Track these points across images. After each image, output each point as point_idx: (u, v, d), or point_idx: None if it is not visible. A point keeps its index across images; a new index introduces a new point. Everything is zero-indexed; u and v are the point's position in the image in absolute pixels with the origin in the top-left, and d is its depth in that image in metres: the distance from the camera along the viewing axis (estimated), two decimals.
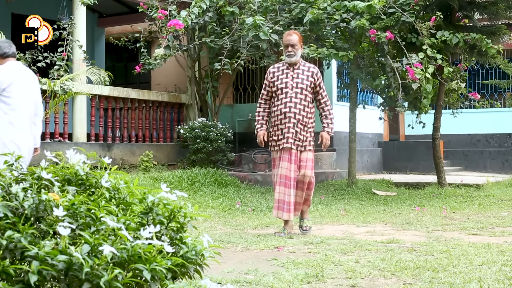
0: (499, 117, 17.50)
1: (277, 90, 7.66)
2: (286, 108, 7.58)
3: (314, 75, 7.69)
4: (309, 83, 7.64)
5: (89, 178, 2.92)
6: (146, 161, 12.87)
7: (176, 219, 2.84)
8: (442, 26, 11.23)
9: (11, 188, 2.54)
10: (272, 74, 7.78)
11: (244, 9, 12.62)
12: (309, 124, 7.70)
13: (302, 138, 7.62)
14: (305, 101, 7.62)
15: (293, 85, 7.60)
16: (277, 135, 7.69)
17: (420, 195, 11.81)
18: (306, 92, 7.62)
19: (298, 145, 7.60)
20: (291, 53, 7.62)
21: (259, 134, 7.87)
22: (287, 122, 7.57)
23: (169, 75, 17.51)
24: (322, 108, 7.83)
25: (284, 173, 7.52)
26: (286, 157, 7.55)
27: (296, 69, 7.68)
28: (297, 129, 7.57)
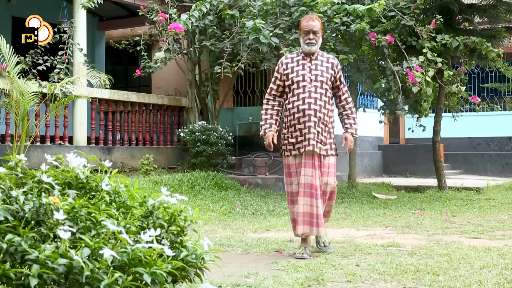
0: (499, 120, 17.50)
1: (292, 83, 6.56)
2: (305, 104, 6.45)
3: (334, 67, 6.65)
4: (329, 76, 6.59)
5: (89, 182, 2.92)
6: (146, 165, 12.87)
7: (176, 222, 2.85)
8: (442, 29, 11.25)
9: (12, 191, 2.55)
10: (285, 66, 6.67)
11: (244, 13, 12.63)
12: (329, 124, 6.63)
13: (324, 140, 6.51)
14: (325, 96, 6.54)
15: (312, 78, 6.51)
16: (294, 136, 6.54)
17: (421, 199, 11.81)
18: (326, 87, 6.55)
19: (321, 148, 6.48)
20: (312, 42, 6.54)
21: (267, 136, 6.67)
22: (307, 121, 6.43)
23: (169, 78, 17.51)
24: (343, 106, 6.79)
25: (309, 182, 6.35)
26: (310, 163, 6.41)
27: (314, 60, 6.62)
28: (318, 129, 6.45)
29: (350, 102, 6.81)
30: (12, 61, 10.24)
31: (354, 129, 6.75)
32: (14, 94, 10.09)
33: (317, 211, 6.34)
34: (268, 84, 17.28)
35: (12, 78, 10.11)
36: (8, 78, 10.25)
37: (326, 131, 6.57)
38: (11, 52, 10.31)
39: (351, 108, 6.79)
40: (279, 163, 13.65)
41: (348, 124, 6.75)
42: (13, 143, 10.40)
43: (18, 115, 10.18)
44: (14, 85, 10.12)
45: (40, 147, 11.77)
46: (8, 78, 10.24)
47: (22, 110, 10.17)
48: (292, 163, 6.58)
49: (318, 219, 6.34)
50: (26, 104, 10.15)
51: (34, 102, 10.37)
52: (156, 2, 13.23)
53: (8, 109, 10.82)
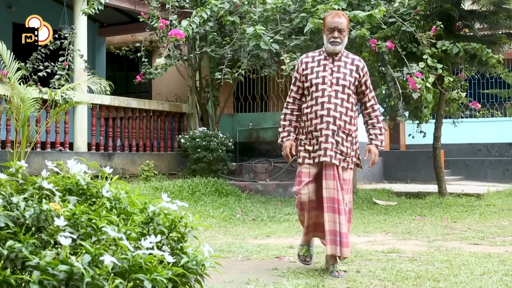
0: (499, 126, 17.50)
1: (311, 86, 5.88)
2: (323, 110, 5.76)
3: (360, 70, 5.92)
4: (353, 80, 5.86)
5: (90, 188, 2.92)
6: (147, 171, 12.87)
7: (177, 229, 2.85)
8: (442, 35, 11.26)
9: (12, 198, 2.55)
10: (305, 65, 5.99)
11: (244, 19, 12.66)
12: (352, 133, 5.88)
13: (345, 151, 5.79)
14: (347, 102, 5.82)
15: (333, 81, 5.81)
16: (312, 144, 5.86)
17: (421, 205, 11.80)
18: (349, 91, 5.83)
19: (340, 159, 5.76)
20: (337, 41, 5.83)
21: (285, 146, 6.06)
22: (324, 129, 5.74)
23: (170, 84, 17.52)
24: (368, 114, 6.04)
25: (332, 195, 5.62)
26: (331, 174, 5.69)
27: (337, 61, 5.91)
28: (337, 139, 5.75)
29: (377, 109, 6.07)
30: (12, 67, 10.24)
31: (380, 140, 6.02)
32: (15, 100, 10.09)
33: (340, 228, 5.60)
34: (268, 91, 17.37)
35: (12, 84, 10.12)
36: (8, 84, 10.25)
37: (348, 141, 5.82)
38: (12, 58, 10.32)
39: (378, 117, 6.06)
40: (279, 169, 13.65)
41: (373, 134, 6.02)
42: (13, 149, 10.41)
43: (19, 121, 10.18)
44: (15, 91, 10.13)
45: (41, 153, 11.77)
46: (8, 84, 10.25)
47: (23, 116, 10.17)
48: (305, 171, 5.87)
49: (342, 237, 5.59)
50: (27, 110, 10.15)
51: (34, 108, 10.37)
52: (156, 8, 13.25)
53: (8, 115, 10.83)
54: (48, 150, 12.04)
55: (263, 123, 15.78)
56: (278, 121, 16.60)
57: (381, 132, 6.04)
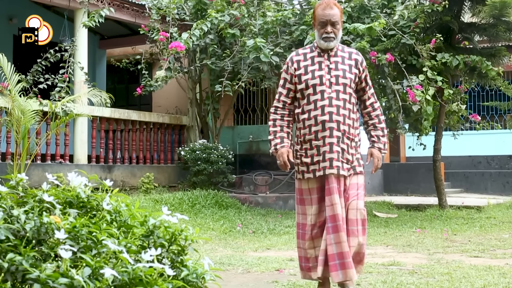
0: (499, 139, 17.51)
1: (307, 88, 5.05)
2: (325, 115, 4.95)
3: (359, 64, 5.16)
4: (353, 77, 5.10)
5: (90, 201, 2.92)
6: (147, 183, 12.87)
7: (177, 242, 2.85)
8: (442, 48, 11.28)
9: (13, 210, 2.55)
10: (297, 64, 5.16)
11: (245, 31, 12.69)
12: (356, 138, 5.13)
13: (350, 158, 5.03)
14: (349, 103, 5.05)
15: (332, 81, 5.01)
16: (310, 155, 5.03)
17: (421, 217, 11.79)
18: (350, 90, 5.07)
19: (347, 169, 4.99)
20: (330, 36, 5.04)
21: (280, 153, 5.13)
22: (328, 136, 4.94)
23: (170, 97, 17.55)
24: (368, 114, 5.30)
25: (337, 212, 4.81)
26: (334, 187, 4.88)
27: (333, 57, 5.11)
28: (343, 146, 4.97)
29: (378, 108, 5.33)
30: (13, 80, 10.26)
31: (383, 142, 5.29)
32: (15, 112, 10.11)
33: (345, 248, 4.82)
34: (268, 103, 17.37)
35: (13, 96, 10.13)
36: (9, 97, 10.27)
37: (353, 147, 5.08)
38: (13, 70, 10.34)
39: (379, 116, 5.32)
40: (280, 182, 13.64)
41: (374, 137, 5.29)
42: (14, 161, 10.41)
43: (19, 133, 10.19)
44: (15, 103, 10.14)
45: (41, 165, 11.78)
46: (9, 96, 10.27)
47: (23, 128, 10.18)
48: (305, 188, 5.08)
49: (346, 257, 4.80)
50: (27, 122, 10.16)
51: (35, 120, 10.39)
52: (157, 21, 13.28)
53: (9, 127, 10.84)
54: (48, 162, 12.05)
55: (263, 135, 15.78)
56: None
57: (384, 133, 5.30)
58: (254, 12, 13.05)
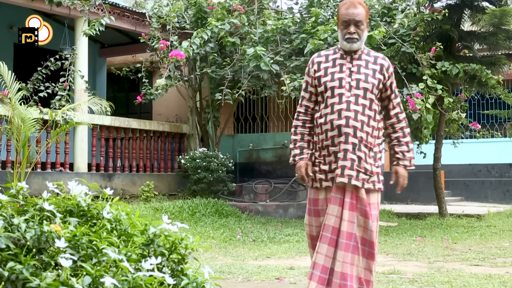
0: (499, 147, 17.51)
1: (325, 90, 4.73)
2: (341, 119, 4.61)
3: (385, 70, 4.79)
4: (376, 82, 4.73)
5: (90, 210, 2.92)
6: (147, 191, 12.86)
7: (177, 250, 2.85)
8: (442, 56, 11.30)
9: (13, 219, 2.55)
10: (317, 66, 4.84)
11: (245, 40, 12.73)
12: (375, 148, 4.72)
13: (369, 168, 4.62)
14: (370, 109, 4.67)
15: (352, 84, 4.68)
16: (328, 162, 4.68)
17: (421, 226, 11.78)
18: (371, 96, 4.70)
19: (364, 179, 4.59)
20: (354, 37, 4.71)
21: (299, 166, 4.80)
22: (343, 142, 4.58)
23: (170, 105, 17.56)
24: (392, 125, 4.88)
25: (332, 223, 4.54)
26: (337, 198, 4.58)
27: (357, 60, 4.78)
28: (359, 154, 4.58)
29: (403, 120, 4.90)
30: (13, 88, 10.26)
31: (408, 159, 4.84)
32: (16, 120, 10.10)
33: (335, 266, 4.45)
34: (269, 112, 17.40)
35: (13, 104, 10.13)
36: (9, 105, 10.27)
37: (371, 157, 4.68)
38: (13, 78, 10.34)
39: (403, 129, 4.88)
40: (280, 190, 13.63)
41: (399, 153, 4.84)
42: (14, 169, 10.40)
43: (19, 142, 10.18)
44: (16, 111, 10.14)
45: (41, 173, 11.78)
46: (9, 104, 10.26)
47: (23, 136, 10.18)
48: (322, 198, 4.71)
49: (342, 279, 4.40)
50: (27, 130, 10.16)
51: (35, 128, 10.38)
52: (157, 29, 13.31)
53: (9, 135, 10.84)
54: (49, 171, 12.05)
55: (263, 143, 15.79)
56: (279, 142, 16.65)
57: (409, 148, 4.85)
58: (254, 21, 13.08)
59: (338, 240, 4.47)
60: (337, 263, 4.43)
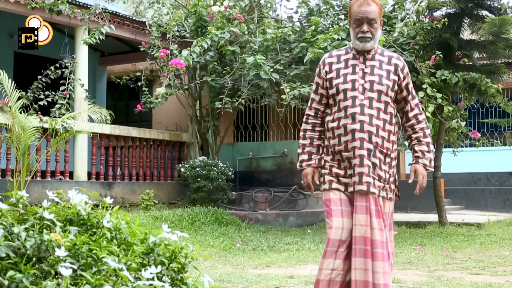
0: (499, 155, 17.52)
1: (337, 93, 4.50)
2: (355, 123, 4.38)
3: (399, 70, 4.54)
4: (391, 84, 4.49)
5: (90, 218, 2.92)
6: (147, 200, 12.86)
7: (177, 259, 2.84)
8: (441, 65, 11.31)
9: (13, 228, 2.55)
10: (329, 67, 4.60)
11: (245, 49, 12.75)
12: (391, 154, 4.56)
13: (384, 176, 4.45)
14: (385, 113, 4.46)
15: (366, 86, 4.45)
16: (343, 167, 4.45)
17: (421, 234, 11.78)
18: (386, 98, 4.47)
19: (380, 187, 4.41)
20: (367, 36, 4.47)
21: (305, 173, 4.64)
22: (358, 148, 4.36)
23: (170, 113, 17.57)
24: (411, 127, 4.69)
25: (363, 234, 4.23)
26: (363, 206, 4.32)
27: (370, 60, 4.53)
28: (374, 161, 4.38)
29: (423, 120, 4.70)
30: (13, 96, 10.28)
31: (428, 159, 4.68)
32: (16, 129, 10.11)
33: (375, 278, 4.18)
34: (268, 120, 17.41)
35: (13, 113, 10.15)
36: (9, 113, 10.28)
37: (387, 164, 4.51)
38: (13, 87, 10.36)
39: (424, 130, 4.69)
40: (280, 199, 13.62)
41: (419, 152, 4.68)
42: (13, 178, 10.41)
43: (19, 150, 10.19)
44: (16, 120, 10.15)
45: (41, 182, 11.78)
46: (9, 113, 10.28)
47: (23, 145, 10.18)
48: (335, 198, 4.44)
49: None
50: (27, 139, 10.16)
51: (35, 137, 10.39)
52: (157, 38, 13.34)
53: (9, 144, 10.85)
54: (48, 179, 12.05)
55: (263, 152, 15.80)
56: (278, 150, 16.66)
57: (429, 148, 4.68)
58: (254, 29, 13.11)
59: (373, 250, 4.20)
60: (376, 275, 4.18)
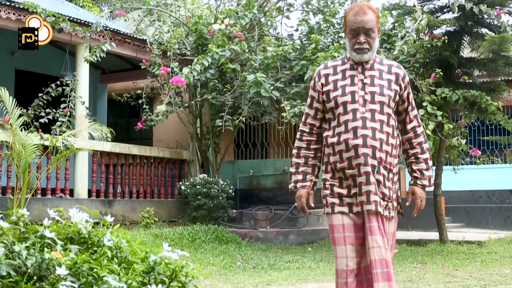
0: (500, 173, 17.50)
1: (336, 106, 4.19)
2: (357, 138, 4.07)
3: (400, 79, 4.28)
4: (393, 94, 4.21)
5: (91, 237, 2.93)
6: (147, 218, 12.84)
7: (177, 278, 2.84)
8: (442, 83, 11.33)
9: (14, 246, 2.55)
10: (325, 79, 4.31)
11: (245, 66, 12.78)
12: (394, 168, 4.29)
13: (387, 193, 4.18)
14: (387, 125, 4.17)
15: (366, 98, 4.15)
16: (346, 186, 4.16)
17: (422, 252, 11.75)
18: (388, 110, 4.18)
19: (384, 206, 4.15)
20: (364, 47, 4.19)
21: (299, 195, 4.34)
22: (362, 165, 4.05)
23: (170, 131, 17.59)
24: (409, 141, 4.42)
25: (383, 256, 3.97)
26: (376, 226, 4.04)
27: (369, 70, 4.25)
28: (378, 177, 4.10)
29: (421, 134, 4.41)
30: (14, 114, 10.29)
31: (427, 177, 4.43)
32: (16, 146, 10.12)
33: None
34: (269, 138, 17.42)
35: (14, 130, 10.16)
36: (10, 131, 10.29)
37: (390, 180, 4.23)
38: (14, 104, 10.38)
39: (422, 145, 4.41)
40: (280, 217, 13.60)
41: (417, 171, 4.42)
42: (14, 195, 10.40)
43: (20, 168, 10.19)
44: (16, 137, 10.16)
45: (41, 199, 11.77)
46: (10, 130, 10.29)
47: (24, 162, 10.19)
48: (337, 224, 4.14)
49: None
50: (28, 156, 10.17)
51: (35, 154, 10.40)
52: (158, 55, 13.37)
53: (9, 161, 10.85)
54: (49, 197, 12.05)
55: (263, 170, 15.80)
56: (279, 168, 16.66)
57: (428, 166, 4.41)
58: (254, 47, 13.15)
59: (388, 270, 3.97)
60: None
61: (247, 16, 13.38)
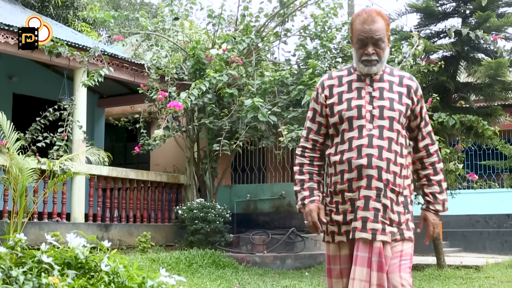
0: (497, 197, 17.50)
1: (341, 122, 3.79)
2: (362, 157, 3.66)
3: (413, 92, 3.85)
4: (404, 109, 3.79)
5: (88, 262, 2.92)
6: (144, 242, 12.80)
7: None
8: (438, 107, 11.37)
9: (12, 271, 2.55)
10: (329, 91, 3.89)
11: (243, 91, 12.82)
12: (404, 190, 3.81)
13: (396, 218, 3.73)
14: (397, 144, 3.74)
15: (374, 113, 3.73)
16: (342, 211, 3.78)
17: (420, 277, 11.71)
18: (398, 127, 3.76)
19: (393, 232, 3.70)
20: (373, 59, 3.77)
21: (309, 210, 3.84)
22: (364, 187, 3.65)
23: (168, 155, 17.59)
24: (420, 160, 3.98)
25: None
26: (364, 257, 3.61)
27: (378, 82, 3.83)
28: (385, 202, 3.67)
29: (434, 153, 3.98)
30: (12, 138, 10.30)
31: (441, 202, 4.07)
32: (13, 170, 10.12)
33: None
34: (266, 162, 17.42)
35: (11, 154, 10.16)
36: (7, 155, 10.30)
37: (400, 204, 3.78)
38: (11, 128, 10.39)
39: (435, 165, 3.99)
40: (277, 241, 13.56)
41: (429, 195, 4.03)
42: (10, 219, 10.38)
43: (17, 192, 10.18)
44: (13, 161, 10.17)
45: (38, 223, 11.74)
46: (7, 154, 10.30)
47: (21, 186, 10.18)
48: (333, 255, 3.87)
49: None
50: (25, 180, 10.17)
51: (32, 178, 10.39)
52: (156, 80, 13.40)
53: (6, 185, 10.84)
54: (45, 221, 12.01)
55: (260, 194, 15.79)
56: (276, 192, 16.64)
57: (441, 188, 4.04)
58: (252, 72, 13.19)
59: None
60: None
61: (245, 41, 13.43)
